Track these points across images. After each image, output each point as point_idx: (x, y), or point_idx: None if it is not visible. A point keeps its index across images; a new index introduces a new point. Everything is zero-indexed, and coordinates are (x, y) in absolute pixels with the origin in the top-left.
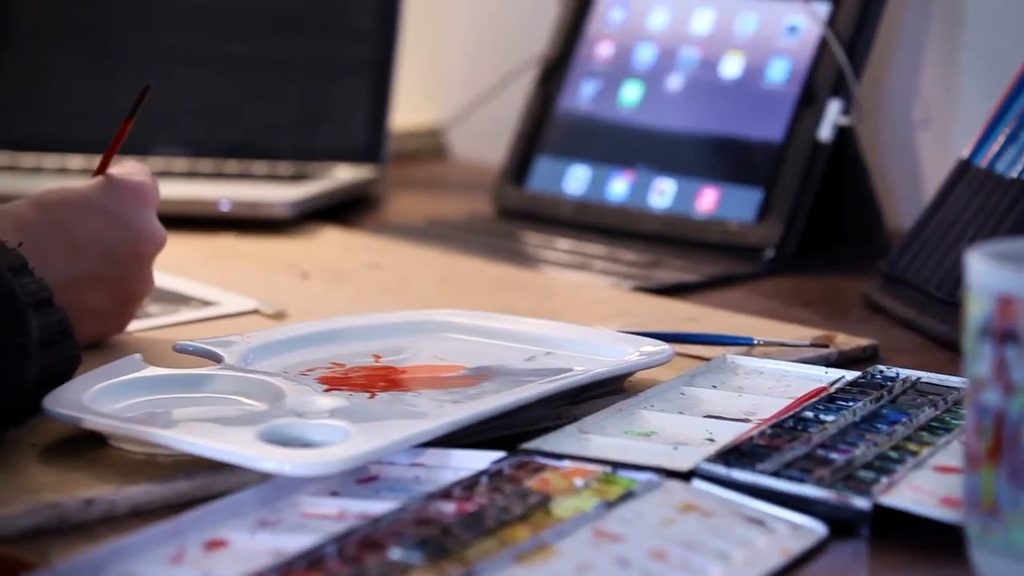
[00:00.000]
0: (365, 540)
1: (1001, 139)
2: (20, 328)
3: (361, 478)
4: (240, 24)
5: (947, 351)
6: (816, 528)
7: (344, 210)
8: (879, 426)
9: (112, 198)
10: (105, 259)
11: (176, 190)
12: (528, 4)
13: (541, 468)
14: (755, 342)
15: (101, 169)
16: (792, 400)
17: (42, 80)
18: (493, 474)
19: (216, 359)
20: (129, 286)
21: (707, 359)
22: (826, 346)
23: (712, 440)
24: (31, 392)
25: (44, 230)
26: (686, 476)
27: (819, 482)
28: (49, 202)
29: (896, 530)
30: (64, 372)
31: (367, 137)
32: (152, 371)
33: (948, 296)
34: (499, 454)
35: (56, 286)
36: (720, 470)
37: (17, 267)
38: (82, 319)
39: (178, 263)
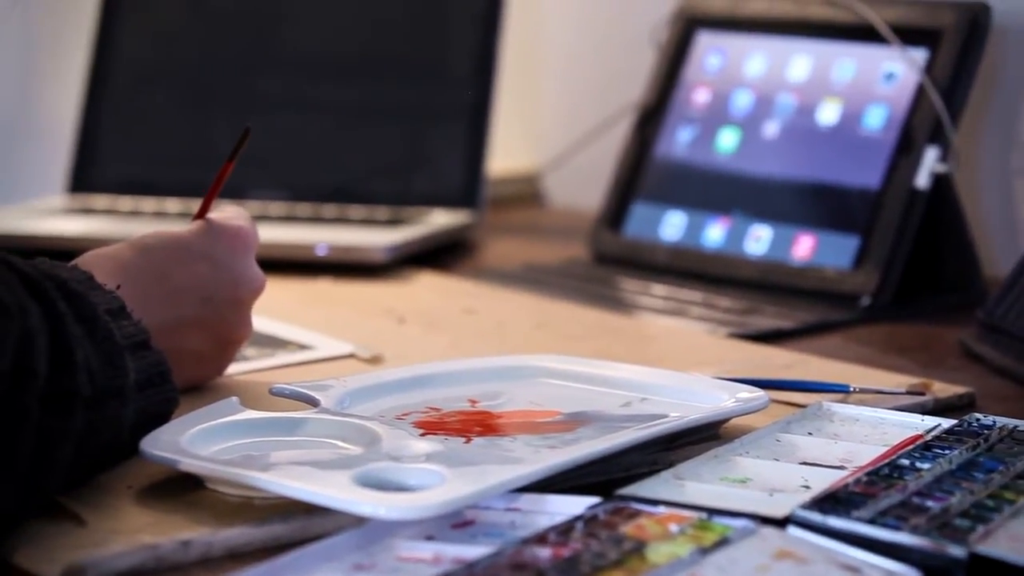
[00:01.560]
0: None
1: None
2: (117, 371)
3: (457, 522)
4: (339, 69)
5: None
6: None
7: (440, 255)
8: (975, 474)
9: (212, 243)
10: (204, 303)
11: (273, 234)
12: (625, 50)
13: (636, 514)
14: (851, 389)
15: (201, 213)
16: (888, 448)
17: (141, 124)
18: (588, 519)
19: (312, 403)
20: (228, 330)
21: (803, 406)
22: (922, 394)
23: (807, 487)
24: (128, 434)
25: (144, 274)
26: (781, 523)
27: (915, 530)
28: (149, 246)
29: None
30: (161, 414)
31: (464, 182)
32: (249, 414)
33: None
34: (594, 499)
35: (155, 330)
36: (815, 517)
37: (115, 310)
38: (181, 363)
39: (275, 307)
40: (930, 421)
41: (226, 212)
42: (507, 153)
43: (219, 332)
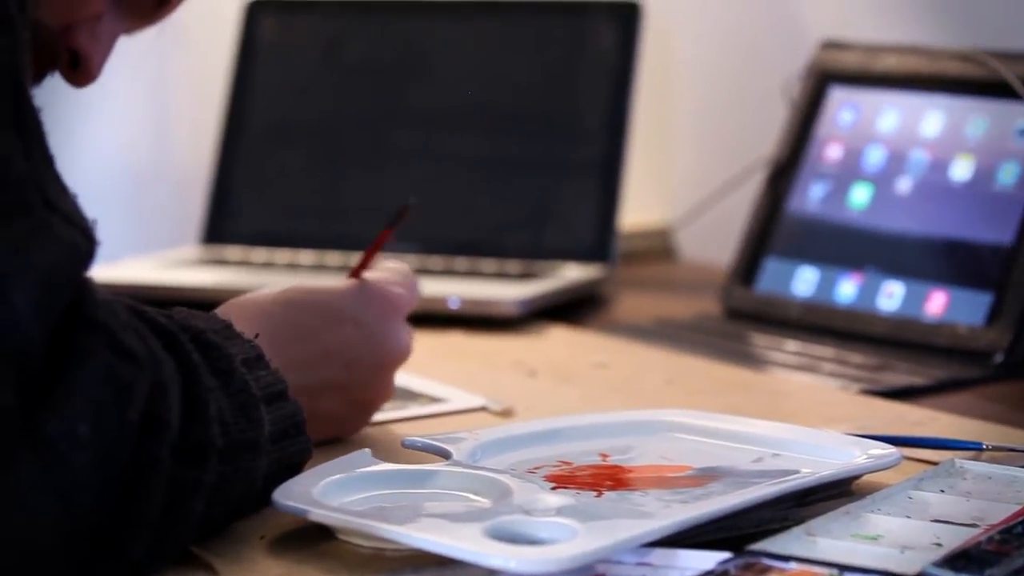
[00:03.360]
0: None
1: None
2: (252, 423)
3: None
4: (471, 123)
5: None
6: None
7: (572, 309)
8: None
9: (362, 306)
10: (347, 367)
11: None
12: (757, 105)
13: (767, 569)
14: (984, 447)
15: (356, 272)
16: (1021, 506)
17: (275, 176)
18: (719, 575)
19: (444, 455)
20: (367, 394)
21: (935, 463)
22: None
23: (939, 545)
24: (261, 485)
25: (287, 332)
26: None
27: None
28: (297, 302)
29: None
30: (294, 465)
31: (596, 236)
32: (381, 466)
33: None
34: (725, 555)
35: (294, 388)
36: (948, 575)
37: (252, 359)
38: (316, 422)
39: (407, 360)
40: None
41: (386, 271)
42: (639, 207)
43: (358, 395)
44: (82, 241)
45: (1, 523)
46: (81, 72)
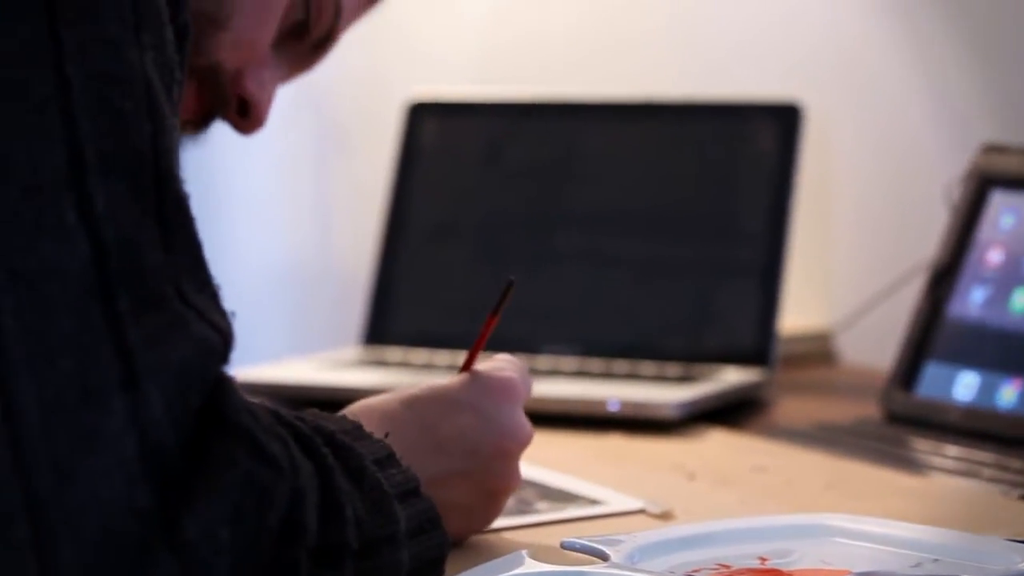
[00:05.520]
0: None
1: None
2: (387, 519)
3: None
4: (630, 225)
5: None
6: None
7: (731, 412)
8: None
9: (478, 395)
10: (469, 456)
11: (565, 389)
12: (917, 209)
13: None
14: None
15: (466, 366)
16: None
17: (435, 278)
18: None
19: (603, 557)
20: (494, 482)
21: None
22: None
23: None
24: None
25: (410, 427)
26: None
27: None
28: (415, 397)
29: None
30: (435, 560)
31: (755, 340)
32: (539, 567)
33: None
34: None
35: (422, 482)
36: None
37: (382, 459)
38: (448, 515)
39: (566, 462)
40: None
41: (495, 362)
42: (799, 311)
43: (485, 484)
44: (216, 339)
45: None
46: (251, 119)
